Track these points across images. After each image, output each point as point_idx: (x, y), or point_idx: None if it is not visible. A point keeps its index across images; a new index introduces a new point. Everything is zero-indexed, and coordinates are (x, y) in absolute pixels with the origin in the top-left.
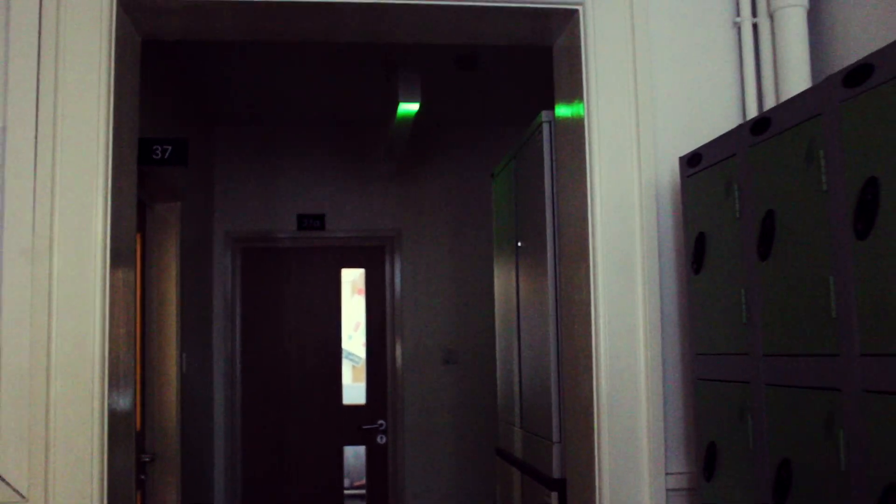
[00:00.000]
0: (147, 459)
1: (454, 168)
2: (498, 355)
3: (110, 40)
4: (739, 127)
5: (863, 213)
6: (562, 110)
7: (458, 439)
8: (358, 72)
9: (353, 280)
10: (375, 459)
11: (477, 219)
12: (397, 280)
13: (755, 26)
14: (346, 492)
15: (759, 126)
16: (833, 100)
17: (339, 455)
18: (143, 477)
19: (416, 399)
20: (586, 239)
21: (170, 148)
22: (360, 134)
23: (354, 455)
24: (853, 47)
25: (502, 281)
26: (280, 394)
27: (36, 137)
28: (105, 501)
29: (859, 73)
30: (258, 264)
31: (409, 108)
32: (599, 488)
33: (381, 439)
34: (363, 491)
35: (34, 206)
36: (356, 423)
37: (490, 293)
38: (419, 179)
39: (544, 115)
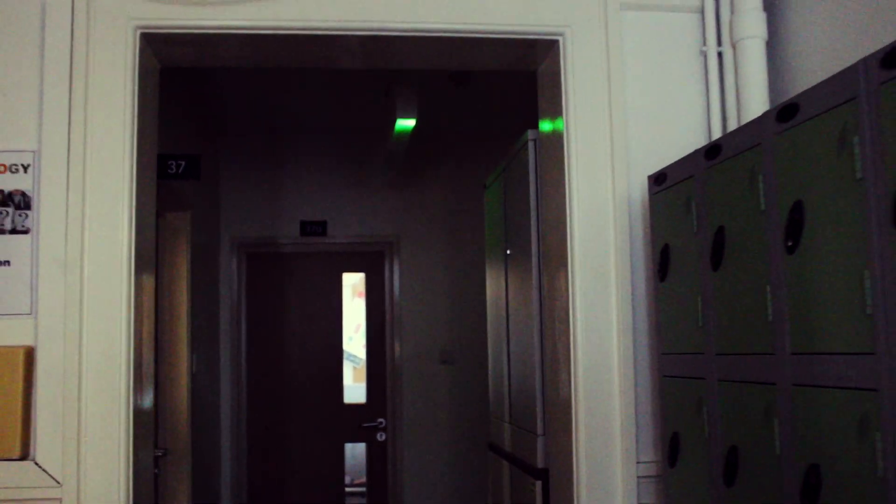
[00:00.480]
0: (160, 454)
1: (450, 178)
2: (490, 355)
3: (134, 69)
4: (696, 151)
5: (792, 231)
6: (544, 130)
7: (455, 435)
8: (358, 85)
9: (353, 283)
10: (375, 456)
11: (471, 226)
12: (396, 284)
13: (720, 55)
14: (346, 489)
15: (712, 152)
16: (768, 132)
17: (341, 452)
18: (156, 471)
19: (414, 398)
20: (566, 248)
21: (183, 163)
22: (360, 144)
23: (353, 456)
24: (806, 75)
25: (493, 286)
26: (283, 393)
27: (68, 157)
28: (130, 488)
29: (788, 111)
30: (263, 269)
31: (406, 123)
32: (577, 477)
33: (380, 437)
34: (363, 489)
35: (66, 220)
36: (357, 421)
37: (484, 296)
38: (417, 188)
39: (530, 133)
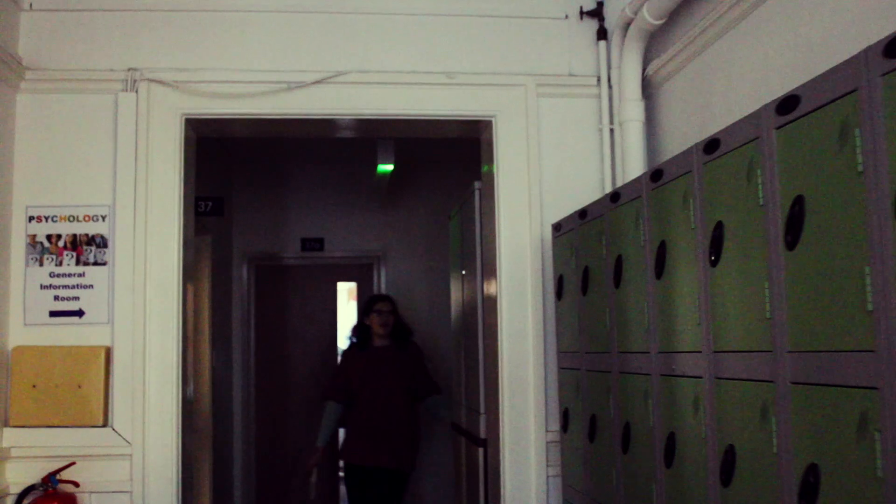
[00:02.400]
0: None
1: (427, 203)
2: (453, 352)
3: (180, 143)
4: (574, 213)
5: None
6: (484, 182)
7: (433, 420)
8: None
9: (349, 289)
10: None
11: (445, 243)
12: (383, 290)
13: (612, 131)
14: (340, 474)
15: (582, 215)
16: (606, 209)
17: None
18: None
19: None
20: (496, 272)
21: (210, 203)
22: (352, 174)
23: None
24: (669, 147)
25: (455, 297)
26: (286, 383)
27: (134, 208)
28: (180, 448)
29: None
30: (269, 279)
31: (386, 167)
32: (503, 443)
33: None
34: None
35: (133, 254)
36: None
37: None
38: (400, 212)
39: (476, 183)
